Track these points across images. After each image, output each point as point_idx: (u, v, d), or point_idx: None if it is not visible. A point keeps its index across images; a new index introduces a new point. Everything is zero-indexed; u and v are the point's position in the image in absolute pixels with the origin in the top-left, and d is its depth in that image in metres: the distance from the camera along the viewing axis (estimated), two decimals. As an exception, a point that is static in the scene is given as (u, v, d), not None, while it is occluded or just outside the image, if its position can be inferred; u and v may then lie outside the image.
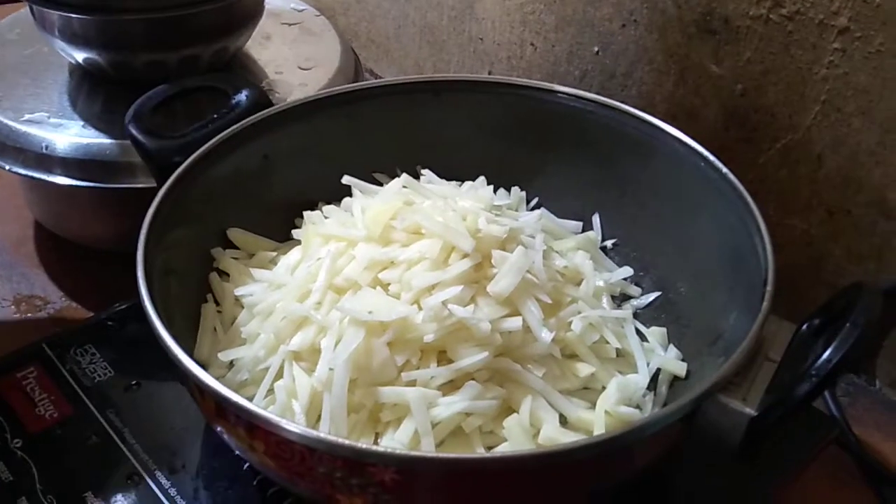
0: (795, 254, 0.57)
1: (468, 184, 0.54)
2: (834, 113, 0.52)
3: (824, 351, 0.33)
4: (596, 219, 0.55)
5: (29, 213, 0.68)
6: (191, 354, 0.38)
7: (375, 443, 0.41)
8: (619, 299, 0.51)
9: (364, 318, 0.41)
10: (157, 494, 0.44)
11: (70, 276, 0.64)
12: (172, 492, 0.44)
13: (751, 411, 0.35)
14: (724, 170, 0.46)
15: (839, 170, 0.53)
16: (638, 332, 0.49)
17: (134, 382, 0.49)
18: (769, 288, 0.39)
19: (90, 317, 0.54)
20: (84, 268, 0.64)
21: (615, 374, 0.45)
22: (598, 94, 0.54)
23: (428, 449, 0.39)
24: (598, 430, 0.41)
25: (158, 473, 0.45)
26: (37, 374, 0.49)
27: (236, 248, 0.51)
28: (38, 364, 0.50)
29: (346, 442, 0.33)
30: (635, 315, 0.50)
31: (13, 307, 0.62)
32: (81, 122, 0.59)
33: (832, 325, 0.36)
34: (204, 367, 0.43)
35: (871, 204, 0.53)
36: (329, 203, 0.53)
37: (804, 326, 0.40)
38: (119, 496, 0.44)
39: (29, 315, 0.61)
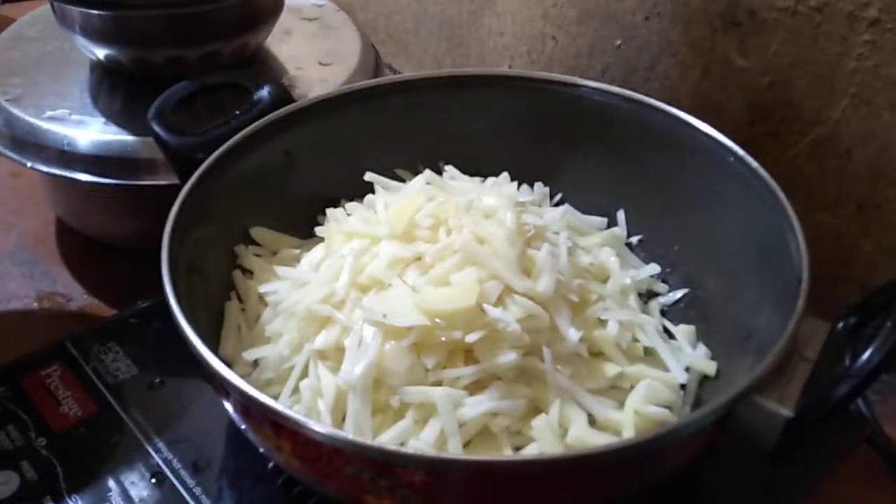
0: (824, 249, 0.56)
1: (491, 180, 0.54)
2: (864, 106, 0.51)
3: (864, 350, 0.33)
4: (621, 214, 0.54)
5: (50, 210, 0.68)
6: (215, 353, 0.37)
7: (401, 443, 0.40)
8: (646, 296, 0.51)
9: (378, 320, 0.40)
10: (181, 493, 0.43)
11: (92, 272, 0.64)
12: (197, 491, 0.44)
13: (787, 412, 0.34)
14: (755, 164, 0.45)
15: (869, 164, 0.52)
16: (666, 329, 0.48)
17: (158, 380, 0.49)
18: (804, 286, 0.38)
19: (113, 314, 0.53)
20: (106, 264, 0.64)
21: (644, 373, 0.44)
22: (620, 88, 0.53)
23: (455, 449, 0.39)
24: (627, 430, 0.41)
25: (183, 472, 0.44)
26: (60, 372, 0.49)
27: (260, 245, 0.51)
28: (61, 362, 0.50)
29: (375, 444, 0.33)
30: (662, 312, 0.50)
31: (35, 304, 0.62)
32: (103, 119, 0.58)
33: (870, 324, 0.35)
34: (228, 365, 0.43)
35: (902, 198, 0.52)
36: (352, 200, 0.53)
37: (840, 325, 0.39)
38: (144, 495, 0.43)
39: (51, 312, 0.61)
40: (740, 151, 0.46)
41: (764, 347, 0.37)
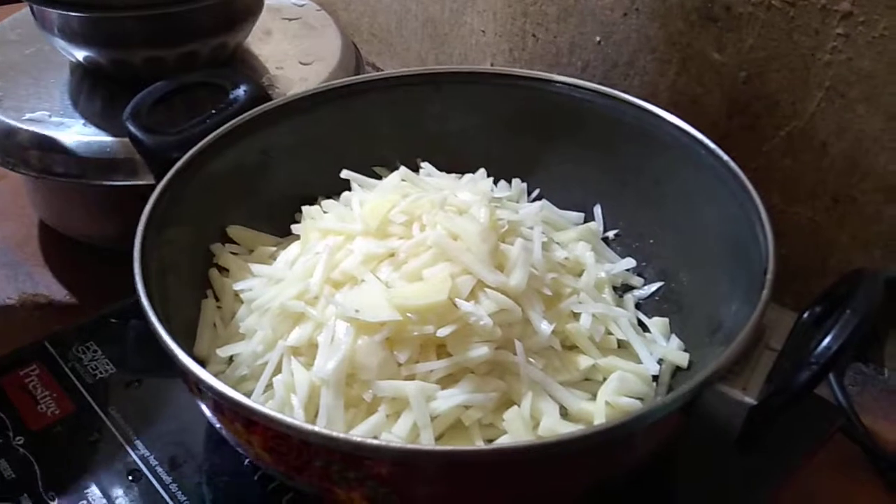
0: (801, 242, 0.57)
1: (468, 176, 0.54)
2: (838, 99, 0.51)
3: (824, 338, 0.33)
4: (597, 209, 0.54)
5: (32, 212, 0.69)
6: (191, 351, 0.38)
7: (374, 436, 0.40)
8: (622, 290, 0.51)
9: (351, 316, 0.41)
10: (158, 490, 0.44)
11: (74, 274, 0.65)
12: (174, 487, 0.44)
13: (751, 400, 0.34)
14: (725, 158, 0.46)
15: (844, 157, 0.53)
16: (640, 322, 0.48)
17: (136, 379, 0.49)
18: (770, 276, 0.38)
19: (92, 314, 0.54)
20: (87, 265, 0.64)
21: (617, 365, 0.44)
22: (600, 84, 0.53)
23: (427, 442, 0.39)
24: (599, 421, 0.41)
25: (160, 469, 0.45)
26: (39, 371, 0.50)
27: (237, 243, 0.51)
28: (40, 361, 0.50)
29: (342, 435, 0.33)
30: (637, 305, 0.50)
31: (18, 305, 0.62)
32: (83, 121, 0.59)
33: (833, 313, 0.36)
34: (204, 363, 0.44)
35: (877, 191, 0.52)
36: (329, 197, 0.53)
37: (805, 314, 0.39)
38: (121, 492, 0.44)
39: (34, 313, 0.61)
40: (711, 144, 0.47)
41: (732, 338, 0.37)
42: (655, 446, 0.37)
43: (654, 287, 0.51)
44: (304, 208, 0.52)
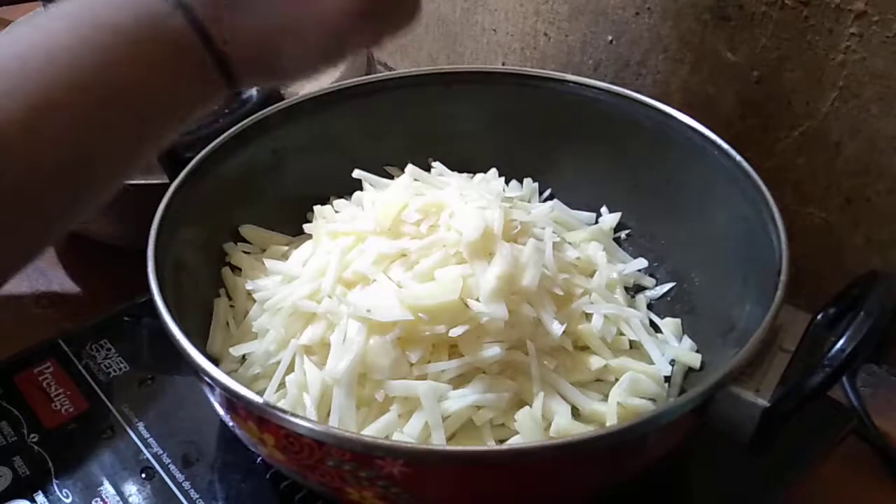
0: (814, 243, 0.57)
1: (479, 176, 0.54)
2: (852, 99, 0.51)
3: (838, 340, 0.33)
4: (609, 209, 0.54)
5: (47, 210, 0.69)
6: (203, 349, 0.38)
7: (385, 436, 0.40)
8: (634, 290, 0.51)
9: (362, 315, 0.41)
10: (171, 488, 0.44)
11: (87, 272, 0.65)
12: (186, 485, 0.44)
13: (764, 402, 0.34)
14: (738, 158, 0.45)
15: (858, 157, 0.53)
16: (652, 323, 0.48)
17: (149, 377, 0.50)
18: (783, 277, 0.38)
19: (106, 312, 0.54)
20: (101, 264, 0.65)
21: (628, 366, 0.44)
22: (612, 83, 0.53)
23: (438, 442, 0.39)
24: (611, 422, 0.41)
25: (173, 467, 0.45)
26: (53, 369, 0.50)
27: (249, 242, 0.51)
28: (54, 359, 0.50)
29: (354, 435, 0.33)
30: (649, 306, 0.50)
31: (31, 303, 0.62)
32: (96, 120, 0.59)
33: (847, 315, 0.36)
34: (216, 361, 0.44)
35: (891, 191, 0.52)
36: (341, 197, 0.53)
37: (819, 316, 0.39)
38: (134, 490, 0.44)
39: (48, 311, 0.62)
40: (724, 145, 0.47)
41: (746, 339, 0.37)
42: (668, 448, 0.37)
43: (666, 287, 0.51)
44: (316, 208, 0.52)
